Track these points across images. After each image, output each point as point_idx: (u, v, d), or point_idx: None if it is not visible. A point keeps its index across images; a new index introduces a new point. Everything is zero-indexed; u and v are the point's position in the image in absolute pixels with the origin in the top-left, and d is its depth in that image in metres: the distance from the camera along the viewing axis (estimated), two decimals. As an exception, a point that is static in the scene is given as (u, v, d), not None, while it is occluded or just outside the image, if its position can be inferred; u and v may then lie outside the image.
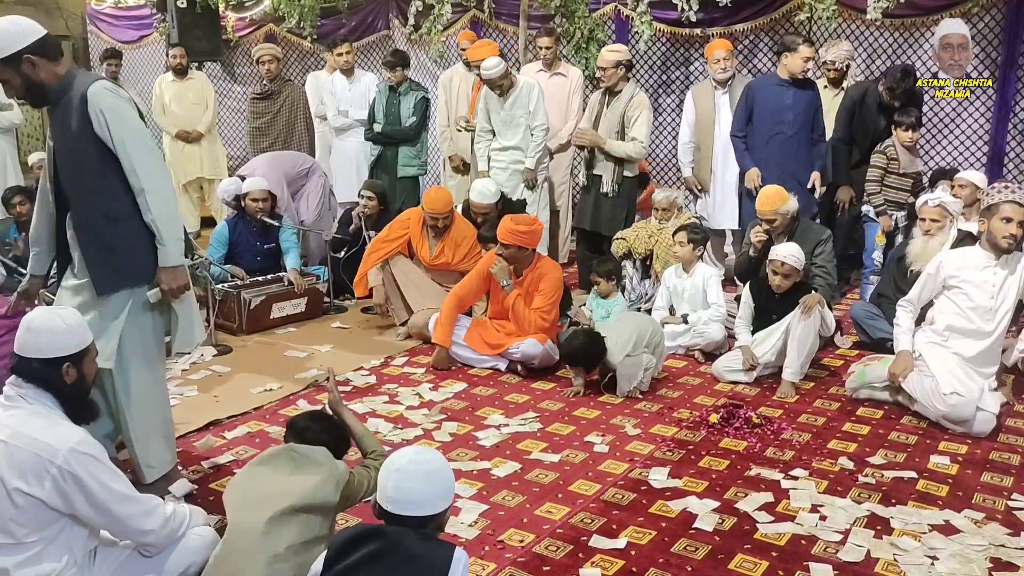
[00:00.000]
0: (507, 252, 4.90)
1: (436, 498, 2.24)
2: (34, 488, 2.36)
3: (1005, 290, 4.15)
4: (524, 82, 6.30)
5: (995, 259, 4.13)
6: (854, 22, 7.03)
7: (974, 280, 4.17)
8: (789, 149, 5.93)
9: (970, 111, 6.77)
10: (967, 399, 4.02)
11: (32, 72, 3.02)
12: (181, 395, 4.55)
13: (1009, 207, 4.05)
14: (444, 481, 2.27)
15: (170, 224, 3.17)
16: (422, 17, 8.51)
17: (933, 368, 4.16)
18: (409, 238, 5.74)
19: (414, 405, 4.45)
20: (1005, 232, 4.06)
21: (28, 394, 2.48)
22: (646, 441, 4.02)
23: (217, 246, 6.08)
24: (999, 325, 4.16)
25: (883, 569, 2.97)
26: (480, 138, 6.50)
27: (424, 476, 2.23)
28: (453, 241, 5.70)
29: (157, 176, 3.13)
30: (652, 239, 5.86)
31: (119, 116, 3.06)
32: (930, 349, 4.26)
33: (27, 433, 2.39)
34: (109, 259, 3.17)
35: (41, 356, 2.50)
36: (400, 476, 2.22)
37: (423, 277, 5.70)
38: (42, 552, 2.41)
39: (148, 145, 3.13)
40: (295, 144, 7.65)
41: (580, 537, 3.16)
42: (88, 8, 11.21)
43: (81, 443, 2.41)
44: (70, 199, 3.22)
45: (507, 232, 4.87)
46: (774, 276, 4.70)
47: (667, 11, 7.51)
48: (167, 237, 3.16)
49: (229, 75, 10.43)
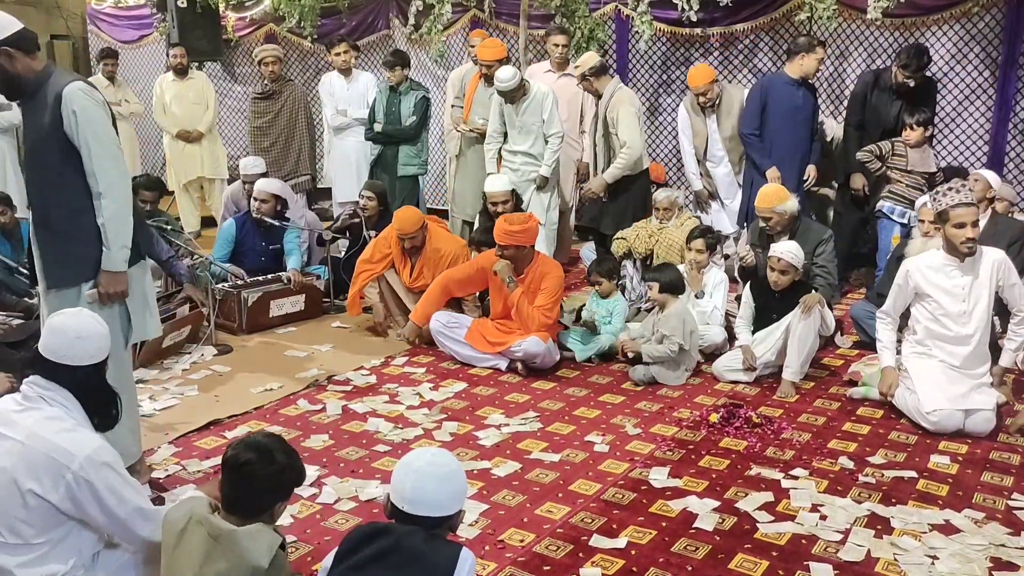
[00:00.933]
0: (506, 253, 4.91)
1: (452, 500, 2.26)
2: (47, 491, 2.36)
3: (976, 292, 4.14)
4: (537, 90, 6.27)
5: (959, 262, 4.13)
6: (854, 22, 7.03)
7: (943, 286, 4.18)
8: (799, 148, 5.97)
9: (970, 111, 6.77)
10: (950, 411, 4.02)
11: (8, 64, 3.11)
12: (182, 395, 4.55)
13: (960, 211, 4.04)
14: (460, 483, 2.29)
15: (120, 230, 3.22)
16: (422, 17, 8.51)
17: (916, 384, 4.17)
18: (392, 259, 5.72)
19: (414, 405, 4.45)
20: (962, 238, 4.05)
21: (51, 396, 2.47)
22: (646, 441, 4.02)
23: (223, 243, 6.10)
24: (977, 328, 4.15)
25: (883, 569, 2.97)
26: (491, 140, 6.48)
27: (442, 478, 2.25)
28: (430, 261, 5.61)
29: (117, 182, 3.20)
30: (652, 239, 5.86)
31: (89, 119, 3.12)
32: (914, 360, 4.27)
33: (45, 436, 2.39)
34: (64, 253, 3.23)
35: (93, 362, 2.53)
36: (418, 477, 2.23)
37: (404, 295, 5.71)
38: (48, 554, 2.41)
39: (113, 152, 3.19)
40: (296, 143, 7.66)
41: (580, 537, 3.16)
42: (88, 8, 11.20)
43: (98, 451, 2.41)
44: (32, 192, 3.30)
45: (503, 234, 4.87)
46: (771, 272, 4.70)
47: (667, 11, 7.51)
48: (114, 242, 3.21)
49: (229, 75, 10.43)
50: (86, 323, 2.57)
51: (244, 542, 2.30)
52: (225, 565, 2.29)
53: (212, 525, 2.33)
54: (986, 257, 4.15)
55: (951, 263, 4.15)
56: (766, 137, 6.01)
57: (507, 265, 4.93)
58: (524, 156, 6.38)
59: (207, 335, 5.32)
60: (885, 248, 5.96)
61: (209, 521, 2.34)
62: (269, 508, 2.42)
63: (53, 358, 2.50)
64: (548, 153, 6.33)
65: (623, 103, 6.06)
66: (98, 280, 3.24)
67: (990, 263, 4.14)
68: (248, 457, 2.37)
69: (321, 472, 3.67)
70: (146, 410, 4.31)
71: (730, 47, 7.68)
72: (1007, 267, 4.16)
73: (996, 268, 4.13)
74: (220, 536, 2.32)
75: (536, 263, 5.01)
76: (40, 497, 2.36)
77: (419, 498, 2.22)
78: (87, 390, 2.53)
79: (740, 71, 7.67)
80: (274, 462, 2.38)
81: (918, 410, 4.11)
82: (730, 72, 7.73)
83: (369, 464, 3.76)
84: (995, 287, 4.15)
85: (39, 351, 2.54)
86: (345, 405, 4.43)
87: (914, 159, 5.88)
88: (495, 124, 6.43)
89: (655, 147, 8.20)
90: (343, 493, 3.48)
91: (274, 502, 2.43)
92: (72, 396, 2.50)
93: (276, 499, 2.43)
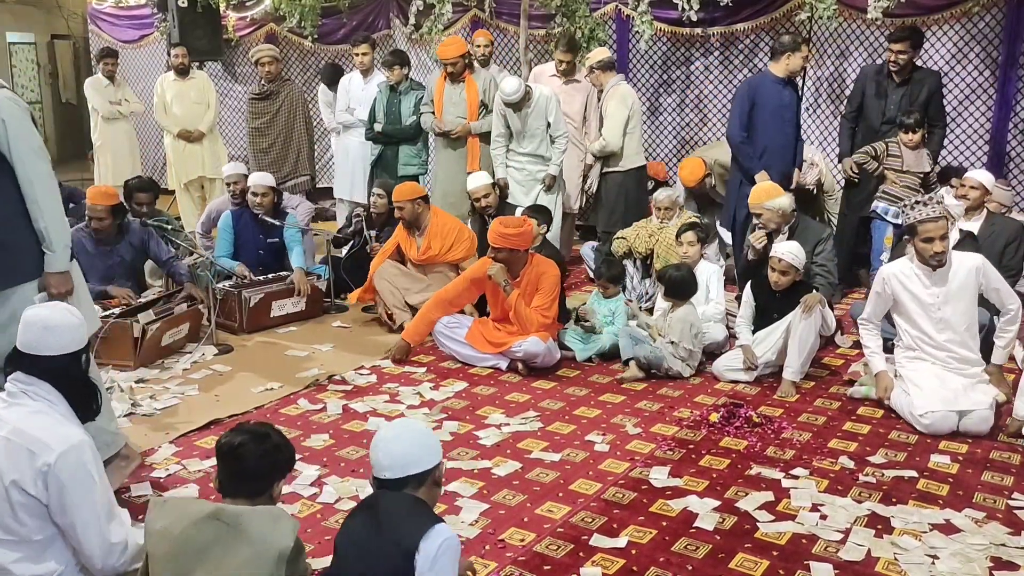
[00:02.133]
0: (500, 256, 4.88)
1: (425, 453, 2.40)
2: (28, 486, 2.37)
3: (952, 300, 4.16)
4: (540, 94, 6.32)
5: (932, 272, 4.15)
6: (854, 21, 7.03)
7: (917, 295, 4.21)
8: (788, 148, 5.95)
9: (971, 110, 6.77)
10: (943, 414, 4.03)
11: None
12: (182, 394, 4.55)
13: (927, 226, 4.06)
14: (426, 438, 2.45)
15: (59, 231, 3.26)
16: (423, 17, 8.51)
17: (909, 386, 4.19)
18: (398, 241, 5.83)
19: (415, 404, 4.45)
20: (930, 251, 4.08)
21: (32, 390, 2.49)
22: (647, 440, 4.02)
23: (224, 236, 6.12)
24: (955, 335, 4.17)
25: (884, 568, 2.97)
26: (496, 143, 6.48)
27: (408, 439, 2.41)
28: (438, 234, 5.80)
29: (51, 185, 3.26)
30: (653, 238, 5.86)
31: (19, 125, 3.15)
32: (907, 364, 4.29)
33: (27, 431, 2.40)
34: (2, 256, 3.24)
35: (62, 352, 2.55)
36: (385, 444, 2.39)
37: (410, 273, 5.79)
38: (45, 551, 2.42)
39: (42, 157, 3.25)
40: (294, 143, 7.65)
41: (581, 536, 3.16)
42: (89, 7, 11.21)
43: (77, 446, 2.42)
44: None
45: (497, 236, 4.85)
46: (772, 272, 4.71)
47: (668, 10, 7.51)
48: (57, 244, 3.25)
49: (230, 75, 10.43)
50: (56, 314, 2.62)
51: (266, 524, 2.24)
52: (249, 551, 2.20)
53: (226, 513, 2.26)
54: (963, 265, 4.17)
55: (923, 272, 4.18)
56: (755, 139, 5.90)
57: (502, 269, 4.91)
58: (530, 157, 6.44)
59: (208, 335, 5.32)
60: (878, 248, 5.98)
61: (221, 510, 2.27)
62: (268, 489, 2.42)
63: (29, 351, 2.55)
64: (555, 153, 6.40)
65: (614, 98, 6.39)
66: (46, 282, 3.27)
67: (967, 270, 4.16)
68: (241, 439, 2.38)
69: (322, 472, 3.67)
70: (146, 409, 4.32)
71: (730, 47, 7.68)
72: (986, 271, 4.18)
73: (975, 274, 4.15)
74: (239, 523, 2.23)
75: (531, 264, 4.99)
76: (25, 492, 2.37)
77: (392, 462, 2.36)
78: (66, 381, 2.56)
79: (740, 71, 7.67)
80: (268, 440, 2.40)
81: (911, 412, 4.12)
82: (730, 72, 7.74)
83: (369, 463, 3.75)
84: (977, 292, 4.17)
85: (17, 347, 2.58)
86: (345, 404, 4.43)
87: (909, 160, 5.90)
88: (499, 128, 6.44)
89: (656, 147, 8.20)
90: (344, 492, 3.48)
91: (273, 482, 2.43)
92: (53, 389, 2.52)
93: (274, 478, 2.43)
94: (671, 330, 4.81)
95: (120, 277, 5.46)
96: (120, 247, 5.46)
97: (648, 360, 4.77)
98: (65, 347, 2.56)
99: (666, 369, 4.78)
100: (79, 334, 2.62)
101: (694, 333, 4.80)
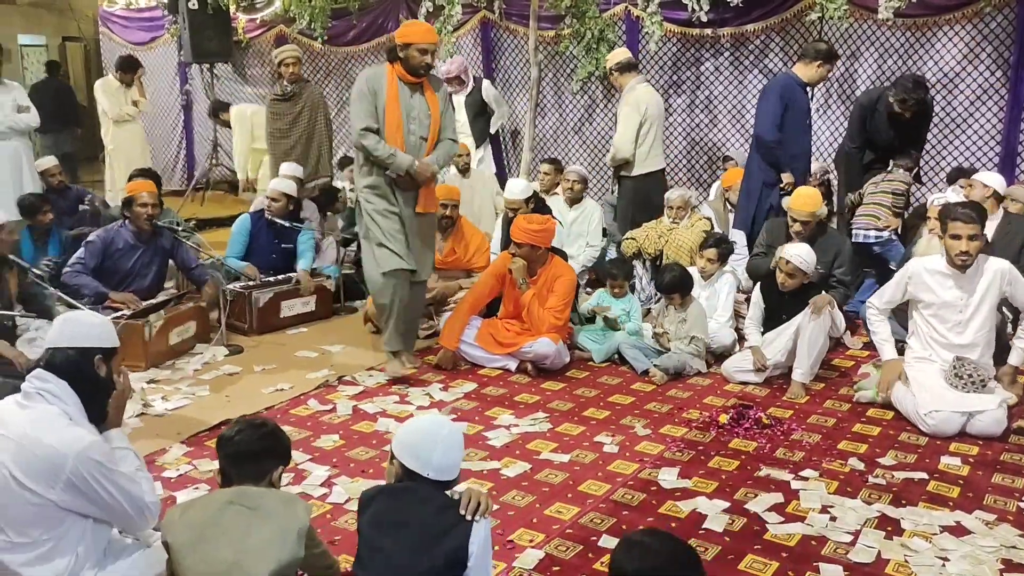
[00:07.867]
0: (521, 251, 4.92)
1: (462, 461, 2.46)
2: (45, 490, 2.39)
3: (975, 304, 4.13)
4: (589, 203, 6.54)
5: (960, 274, 4.12)
6: (865, 22, 7.01)
7: (940, 295, 4.18)
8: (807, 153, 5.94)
9: (982, 111, 6.73)
10: (947, 414, 4.01)
11: None
12: (193, 395, 4.58)
13: (956, 224, 4.02)
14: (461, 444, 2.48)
15: None
16: (432, 18, 8.50)
17: (915, 387, 4.17)
18: None
19: (424, 405, 4.46)
20: (956, 250, 4.05)
21: (50, 389, 2.50)
22: (656, 441, 4.02)
23: (238, 237, 6.13)
24: (973, 340, 4.15)
25: (894, 570, 2.96)
26: None
27: (460, 446, 2.43)
28: (463, 239, 5.96)
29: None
30: (662, 239, 5.86)
31: None
32: (915, 364, 4.28)
33: (37, 436, 2.41)
34: None
35: (76, 345, 2.57)
36: (446, 448, 2.37)
37: None
38: (53, 550, 2.43)
39: None
40: (315, 144, 7.64)
41: (590, 537, 3.16)
42: (100, 10, 11.27)
43: (88, 448, 2.43)
44: None
45: (520, 231, 4.88)
46: (779, 273, 4.70)
47: (677, 11, 7.49)
48: None
49: (240, 76, 10.47)
50: (80, 312, 2.67)
51: (284, 506, 2.40)
52: (270, 531, 2.33)
53: (245, 496, 2.40)
54: (989, 268, 4.14)
55: (951, 273, 4.15)
56: (790, 142, 5.69)
57: (523, 265, 4.94)
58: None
59: (218, 336, 5.35)
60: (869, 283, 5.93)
61: (239, 494, 2.41)
62: (268, 473, 2.50)
63: (59, 343, 2.58)
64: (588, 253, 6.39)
65: (627, 104, 6.26)
66: None
67: (993, 273, 4.13)
68: (239, 428, 2.54)
69: (332, 472, 3.69)
70: (158, 410, 4.35)
71: (740, 48, 7.66)
72: (1012, 276, 4.15)
73: (1000, 278, 4.13)
74: (259, 504, 2.38)
75: (550, 265, 5.02)
76: (40, 495, 2.38)
77: (447, 465, 2.37)
78: (80, 378, 2.56)
79: (751, 72, 7.65)
80: (265, 427, 2.55)
81: (916, 412, 4.10)
82: (740, 73, 7.72)
83: (379, 464, 3.76)
84: (1000, 296, 4.14)
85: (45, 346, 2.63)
86: (355, 405, 4.44)
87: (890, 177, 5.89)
88: None
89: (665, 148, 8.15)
90: (353, 493, 3.48)
91: (273, 467, 2.52)
92: (67, 386, 2.53)
93: (275, 463, 2.53)
94: (693, 327, 4.88)
95: (154, 276, 5.48)
96: (153, 247, 5.44)
97: (676, 369, 4.80)
98: (80, 340, 2.58)
99: (689, 370, 4.84)
100: (96, 331, 2.64)
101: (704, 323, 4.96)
